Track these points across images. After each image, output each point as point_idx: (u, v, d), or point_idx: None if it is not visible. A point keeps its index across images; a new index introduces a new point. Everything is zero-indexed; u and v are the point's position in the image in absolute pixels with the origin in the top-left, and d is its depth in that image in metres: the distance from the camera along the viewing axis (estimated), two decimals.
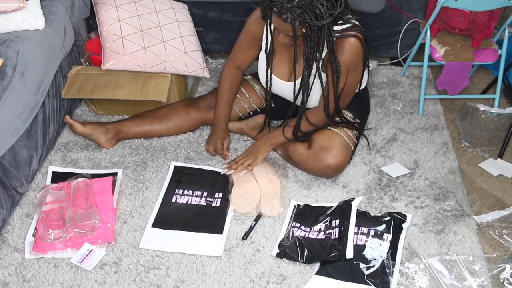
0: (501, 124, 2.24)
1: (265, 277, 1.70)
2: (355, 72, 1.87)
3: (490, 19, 2.22)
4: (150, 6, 2.35)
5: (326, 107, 1.90)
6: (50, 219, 1.84)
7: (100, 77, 2.24)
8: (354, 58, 1.81)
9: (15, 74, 1.83)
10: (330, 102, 1.89)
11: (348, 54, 1.79)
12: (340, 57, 1.79)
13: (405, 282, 1.67)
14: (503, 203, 1.96)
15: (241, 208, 1.91)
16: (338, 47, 1.78)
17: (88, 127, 2.16)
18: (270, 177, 2.00)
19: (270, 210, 1.89)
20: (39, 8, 2.03)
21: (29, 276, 1.72)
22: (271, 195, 1.93)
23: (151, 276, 1.72)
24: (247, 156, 2.04)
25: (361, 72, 1.93)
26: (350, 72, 1.85)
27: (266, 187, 1.96)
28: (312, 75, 1.85)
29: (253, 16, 1.97)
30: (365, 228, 1.79)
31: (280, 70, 1.98)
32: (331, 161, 1.95)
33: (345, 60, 1.80)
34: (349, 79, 1.86)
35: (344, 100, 1.94)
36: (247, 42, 2.04)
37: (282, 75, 1.99)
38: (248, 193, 1.96)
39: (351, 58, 1.80)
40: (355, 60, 1.82)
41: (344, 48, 1.78)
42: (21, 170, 1.93)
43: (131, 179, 2.07)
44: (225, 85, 2.13)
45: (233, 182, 2.01)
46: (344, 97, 1.91)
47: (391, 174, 2.06)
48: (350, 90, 1.92)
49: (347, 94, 1.92)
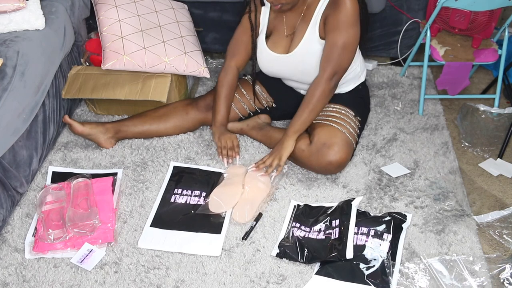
0: (501, 124, 2.24)
1: (265, 277, 1.70)
2: (352, 29, 1.88)
3: (490, 19, 2.22)
4: (150, 6, 2.35)
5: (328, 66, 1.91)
6: (50, 219, 1.84)
7: (100, 77, 2.24)
8: (349, 14, 1.84)
9: (15, 74, 1.83)
10: (329, 59, 1.90)
11: (343, 11, 1.84)
12: (334, 14, 1.85)
13: (405, 282, 1.67)
14: (503, 203, 1.96)
15: (213, 207, 1.90)
16: (333, 3, 1.85)
17: (88, 126, 2.17)
18: (259, 186, 1.97)
19: (239, 216, 1.88)
20: (39, 8, 2.03)
21: (29, 276, 1.72)
22: (246, 203, 1.91)
23: (151, 276, 1.72)
24: (271, 155, 2.00)
25: (358, 30, 1.91)
26: (348, 29, 1.86)
27: (248, 194, 1.94)
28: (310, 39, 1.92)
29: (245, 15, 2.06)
30: (365, 228, 1.79)
31: (278, 46, 2.02)
32: (332, 158, 1.95)
33: (341, 18, 1.84)
34: (346, 36, 1.87)
35: (344, 58, 1.92)
36: (243, 35, 2.07)
37: (280, 49, 2.02)
38: (226, 196, 1.94)
39: (347, 15, 1.84)
40: (349, 17, 1.85)
41: (338, 4, 1.84)
42: (21, 170, 1.93)
43: (131, 179, 2.07)
44: (224, 86, 2.13)
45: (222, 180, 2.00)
46: (343, 54, 1.90)
47: (391, 174, 2.06)
48: (350, 47, 1.91)
49: (346, 50, 1.90)
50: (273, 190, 1.99)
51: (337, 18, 1.85)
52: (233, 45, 2.13)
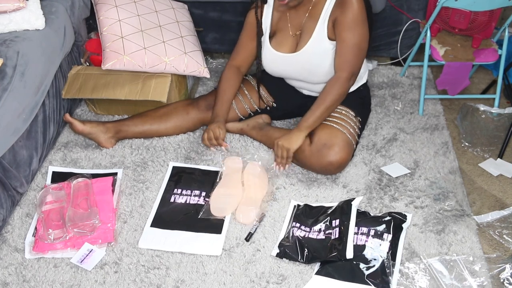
0: (501, 124, 2.24)
1: (265, 277, 1.70)
2: (363, 28, 1.90)
3: (490, 19, 2.22)
4: (150, 6, 2.35)
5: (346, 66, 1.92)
6: (50, 219, 1.84)
7: (100, 77, 2.24)
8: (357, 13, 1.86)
9: (15, 74, 1.83)
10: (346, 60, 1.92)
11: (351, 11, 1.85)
12: (344, 15, 1.86)
13: (405, 282, 1.67)
14: (503, 203, 1.96)
15: (216, 211, 1.89)
16: (340, 4, 1.86)
17: (88, 125, 2.16)
18: (257, 182, 1.98)
19: (244, 218, 1.88)
20: (39, 8, 2.03)
21: (29, 276, 1.72)
22: (249, 204, 1.91)
23: (151, 276, 1.72)
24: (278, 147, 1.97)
25: (367, 28, 1.93)
26: (359, 27, 1.88)
27: (249, 193, 1.94)
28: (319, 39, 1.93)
29: (249, 12, 2.06)
30: (365, 228, 1.79)
31: (283, 46, 2.02)
32: (333, 158, 1.95)
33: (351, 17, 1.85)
34: (359, 35, 1.89)
35: (359, 58, 1.95)
36: (247, 35, 2.08)
37: (286, 49, 2.02)
38: (228, 197, 1.93)
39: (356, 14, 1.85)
40: (358, 15, 1.86)
41: (345, 4, 1.85)
42: (21, 170, 1.93)
43: (131, 179, 2.07)
44: (225, 84, 2.14)
45: (220, 178, 2.00)
46: (359, 53, 1.93)
47: (391, 174, 2.06)
48: (363, 46, 1.94)
49: (360, 50, 1.93)
50: (273, 189, 1.99)
51: (348, 18, 1.86)
52: (236, 45, 2.15)
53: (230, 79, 2.14)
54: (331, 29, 1.92)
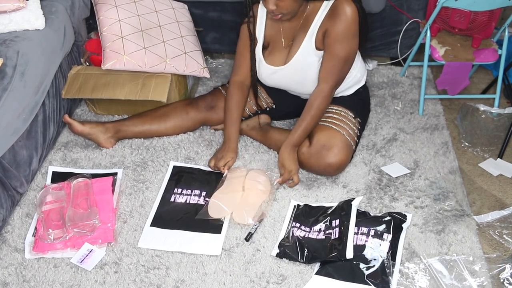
0: (501, 124, 2.24)
1: (265, 277, 1.70)
2: (353, 41, 1.89)
3: (490, 19, 2.22)
4: (150, 6, 2.35)
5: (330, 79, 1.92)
6: (50, 219, 1.84)
7: (100, 77, 2.24)
8: (349, 26, 1.84)
9: (15, 74, 1.83)
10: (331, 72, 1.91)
11: (343, 23, 1.83)
12: (335, 26, 1.84)
13: (405, 282, 1.67)
14: (503, 203, 1.96)
15: (213, 212, 1.89)
16: (332, 15, 1.84)
17: (87, 126, 2.16)
18: (259, 188, 1.96)
19: (239, 218, 1.87)
20: (39, 8, 2.03)
21: (29, 276, 1.72)
22: (245, 205, 1.90)
23: (151, 276, 1.72)
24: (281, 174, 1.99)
25: (358, 40, 1.92)
26: (349, 40, 1.87)
27: (248, 197, 1.94)
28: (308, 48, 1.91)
29: (242, 26, 2.03)
30: (365, 228, 1.79)
31: (275, 59, 2.01)
32: (332, 160, 1.95)
33: (342, 30, 1.83)
34: (348, 48, 1.88)
35: (345, 70, 1.95)
36: (245, 48, 2.05)
37: (277, 62, 2.01)
38: (227, 199, 1.92)
39: (348, 27, 1.84)
40: (350, 28, 1.85)
41: (339, 15, 1.83)
42: (21, 170, 1.93)
43: (131, 179, 2.07)
44: (233, 102, 2.09)
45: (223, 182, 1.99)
46: (345, 66, 1.93)
47: (391, 174, 2.06)
48: (351, 59, 1.94)
49: (347, 62, 1.93)
50: (274, 191, 1.99)
51: (339, 30, 1.84)
52: (236, 60, 2.11)
53: (235, 96, 2.09)
54: (320, 40, 1.90)
